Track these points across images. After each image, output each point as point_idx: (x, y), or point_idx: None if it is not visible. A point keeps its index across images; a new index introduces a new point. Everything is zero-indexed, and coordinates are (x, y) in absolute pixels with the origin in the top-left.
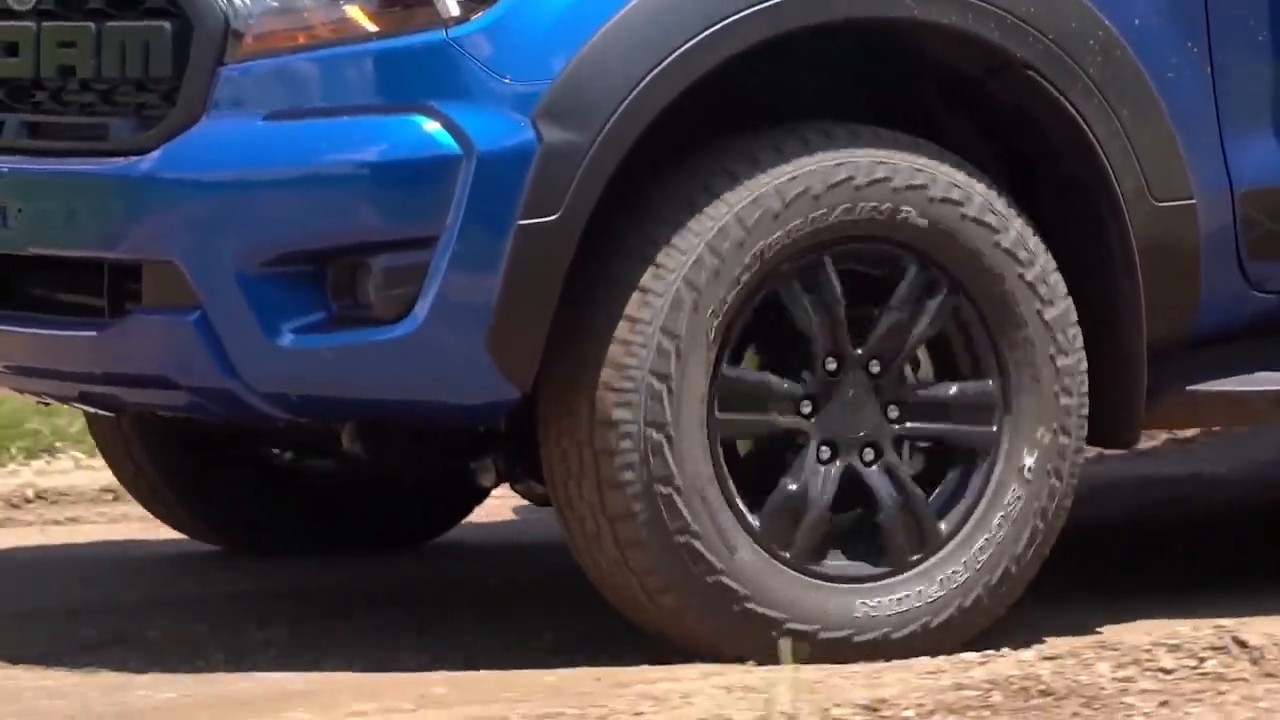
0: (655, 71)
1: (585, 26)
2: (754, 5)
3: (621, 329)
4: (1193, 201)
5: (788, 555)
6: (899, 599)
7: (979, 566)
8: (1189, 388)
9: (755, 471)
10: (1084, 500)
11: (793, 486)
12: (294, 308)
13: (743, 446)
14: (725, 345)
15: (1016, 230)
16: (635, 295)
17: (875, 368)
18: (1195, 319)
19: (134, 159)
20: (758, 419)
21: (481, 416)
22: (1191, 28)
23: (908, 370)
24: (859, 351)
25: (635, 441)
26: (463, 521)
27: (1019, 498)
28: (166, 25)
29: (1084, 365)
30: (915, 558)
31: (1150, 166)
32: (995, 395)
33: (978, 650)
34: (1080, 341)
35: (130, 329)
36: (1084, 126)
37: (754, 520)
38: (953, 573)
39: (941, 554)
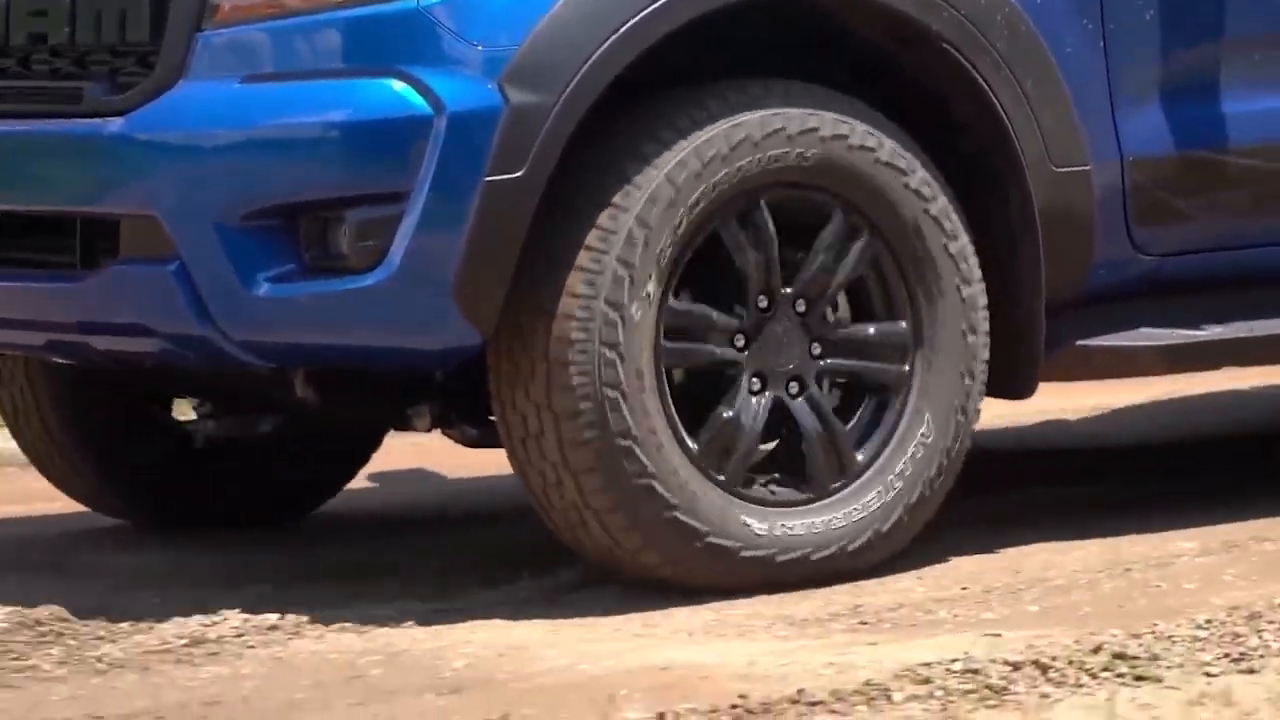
0: (610, 41)
1: None
2: None
3: (581, 258)
4: (1088, 168)
5: (722, 478)
6: (821, 522)
7: (894, 494)
8: (1079, 342)
9: (689, 402)
10: None
11: (728, 414)
12: (270, 258)
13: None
14: (671, 278)
15: (921, 171)
16: (594, 231)
17: (801, 306)
18: (1087, 279)
19: (113, 120)
20: (698, 348)
21: (443, 361)
22: (1087, 6)
23: (829, 310)
24: (788, 290)
25: (590, 357)
26: None
27: (929, 431)
28: None
29: (985, 301)
30: (836, 485)
31: (1050, 135)
32: (907, 335)
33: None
34: (979, 273)
35: (109, 279)
36: (992, 97)
37: (692, 444)
38: (869, 500)
39: (859, 482)
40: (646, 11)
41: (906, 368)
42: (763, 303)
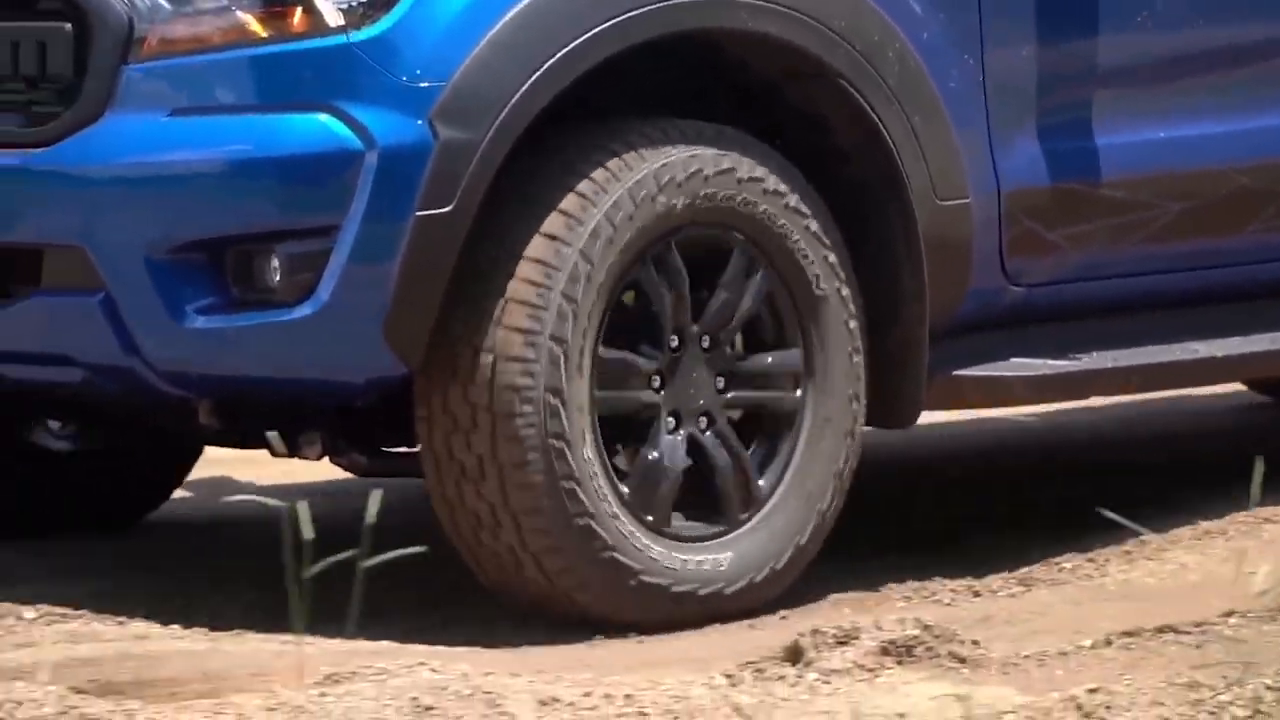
0: (536, 77)
1: (474, 34)
2: (613, 19)
3: (516, 305)
4: (968, 200)
5: (650, 519)
6: (734, 554)
7: (795, 519)
8: (954, 372)
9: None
10: None
11: (652, 455)
12: (200, 291)
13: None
14: (601, 327)
15: (822, 219)
16: (534, 266)
17: (706, 342)
18: (961, 309)
19: (36, 151)
20: (625, 395)
21: (366, 393)
22: (968, 43)
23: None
24: (695, 328)
25: (536, 406)
26: None
27: (823, 454)
28: (66, 27)
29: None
30: (744, 515)
31: (935, 168)
32: (800, 363)
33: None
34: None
35: (30, 309)
36: (882, 130)
37: (624, 489)
38: (775, 526)
39: (765, 510)
40: (567, 50)
41: (800, 393)
42: (674, 342)
